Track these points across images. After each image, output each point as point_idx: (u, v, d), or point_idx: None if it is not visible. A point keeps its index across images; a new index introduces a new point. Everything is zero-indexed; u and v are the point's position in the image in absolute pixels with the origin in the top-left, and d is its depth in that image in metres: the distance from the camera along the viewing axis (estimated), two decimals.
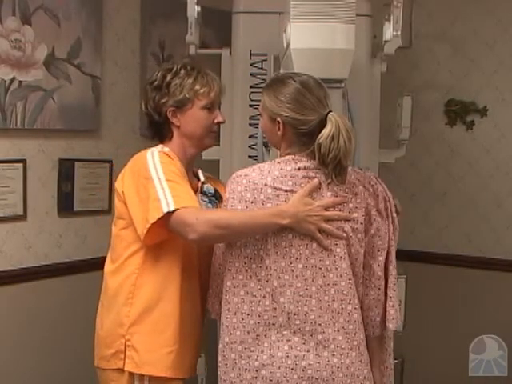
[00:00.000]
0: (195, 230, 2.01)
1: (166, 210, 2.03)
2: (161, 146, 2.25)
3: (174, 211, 2.03)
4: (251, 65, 2.88)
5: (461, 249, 3.64)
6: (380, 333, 2.16)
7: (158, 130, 2.29)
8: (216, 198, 2.32)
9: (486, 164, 3.58)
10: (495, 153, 3.56)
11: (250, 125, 2.88)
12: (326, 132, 1.98)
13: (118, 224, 2.24)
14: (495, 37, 3.51)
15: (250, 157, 2.87)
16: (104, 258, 2.31)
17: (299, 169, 2.03)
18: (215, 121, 2.28)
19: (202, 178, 2.36)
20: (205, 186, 2.33)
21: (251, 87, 2.87)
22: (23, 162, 2.97)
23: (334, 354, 2.02)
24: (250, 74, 2.88)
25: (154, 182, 2.09)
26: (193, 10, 2.82)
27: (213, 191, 2.33)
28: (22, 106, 2.92)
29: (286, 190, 2.02)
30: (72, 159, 3.15)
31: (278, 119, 2.05)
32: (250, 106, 2.86)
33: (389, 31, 2.78)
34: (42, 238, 3.07)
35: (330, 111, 2.03)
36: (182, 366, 2.22)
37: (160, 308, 2.18)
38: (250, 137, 2.88)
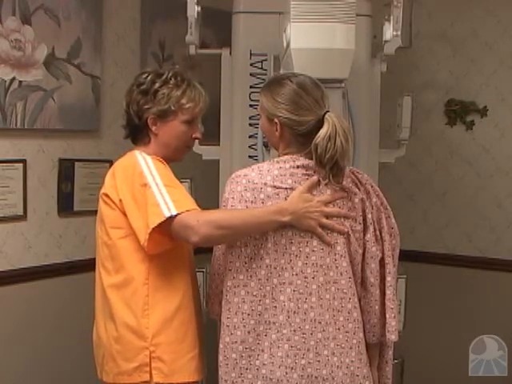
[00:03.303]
0: (197, 232, 1.99)
1: (167, 214, 2.01)
2: (138, 151, 2.20)
3: (175, 216, 2.01)
4: (251, 65, 2.88)
5: (461, 249, 3.64)
6: (371, 341, 2.14)
7: (134, 132, 2.26)
8: None
9: (485, 164, 3.58)
10: (495, 153, 3.56)
11: (250, 125, 2.88)
12: (322, 132, 1.98)
13: (114, 234, 2.16)
14: (495, 37, 3.51)
15: (250, 157, 2.87)
16: None
17: (298, 167, 2.03)
18: (193, 136, 2.26)
19: None
20: None
21: (251, 87, 2.87)
22: (23, 162, 2.97)
23: (333, 353, 2.02)
24: (250, 74, 2.88)
25: (152, 187, 2.06)
26: (193, 10, 2.82)
27: None
28: (22, 106, 2.92)
29: (286, 188, 2.02)
30: (72, 159, 3.15)
31: (276, 120, 2.05)
32: (250, 106, 2.86)
33: (389, 31, 2.78)
34: (41, 238, 3.07)
35: (327, 111, 2.02)
36: (202, 367, 2.24)
37: (179, 316, 2.17)
38: (250, 137, 2.88)
